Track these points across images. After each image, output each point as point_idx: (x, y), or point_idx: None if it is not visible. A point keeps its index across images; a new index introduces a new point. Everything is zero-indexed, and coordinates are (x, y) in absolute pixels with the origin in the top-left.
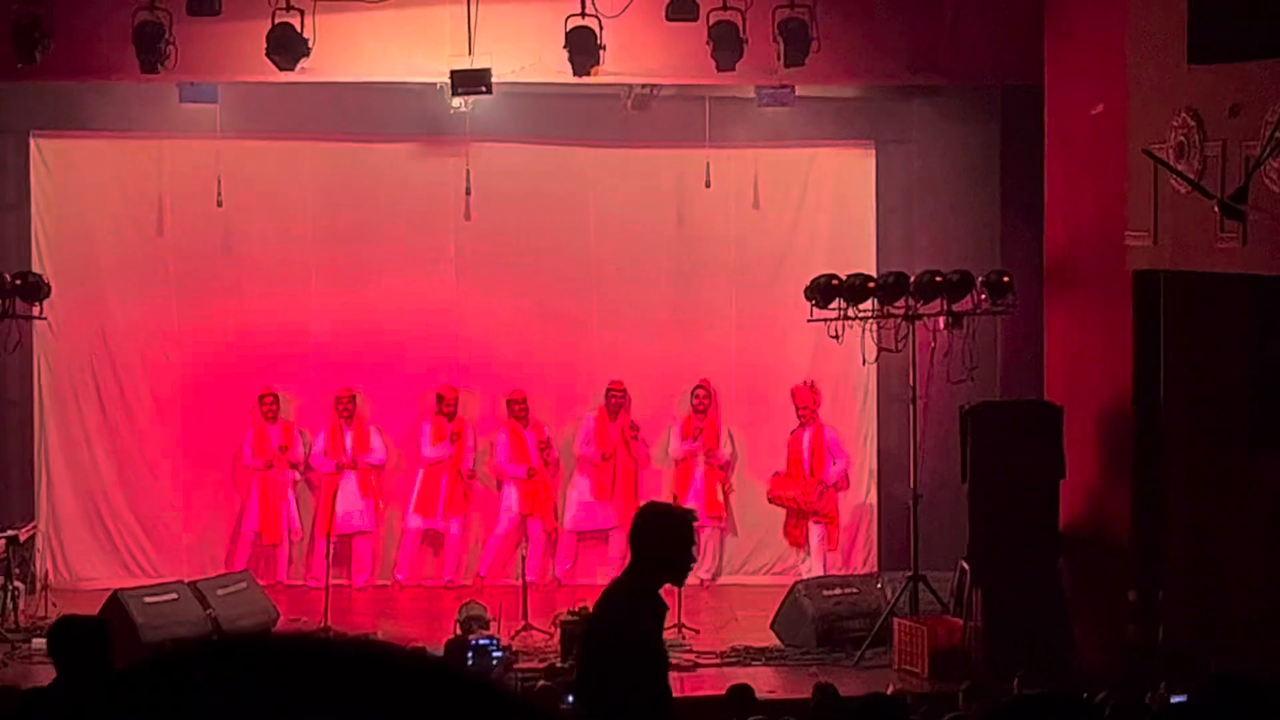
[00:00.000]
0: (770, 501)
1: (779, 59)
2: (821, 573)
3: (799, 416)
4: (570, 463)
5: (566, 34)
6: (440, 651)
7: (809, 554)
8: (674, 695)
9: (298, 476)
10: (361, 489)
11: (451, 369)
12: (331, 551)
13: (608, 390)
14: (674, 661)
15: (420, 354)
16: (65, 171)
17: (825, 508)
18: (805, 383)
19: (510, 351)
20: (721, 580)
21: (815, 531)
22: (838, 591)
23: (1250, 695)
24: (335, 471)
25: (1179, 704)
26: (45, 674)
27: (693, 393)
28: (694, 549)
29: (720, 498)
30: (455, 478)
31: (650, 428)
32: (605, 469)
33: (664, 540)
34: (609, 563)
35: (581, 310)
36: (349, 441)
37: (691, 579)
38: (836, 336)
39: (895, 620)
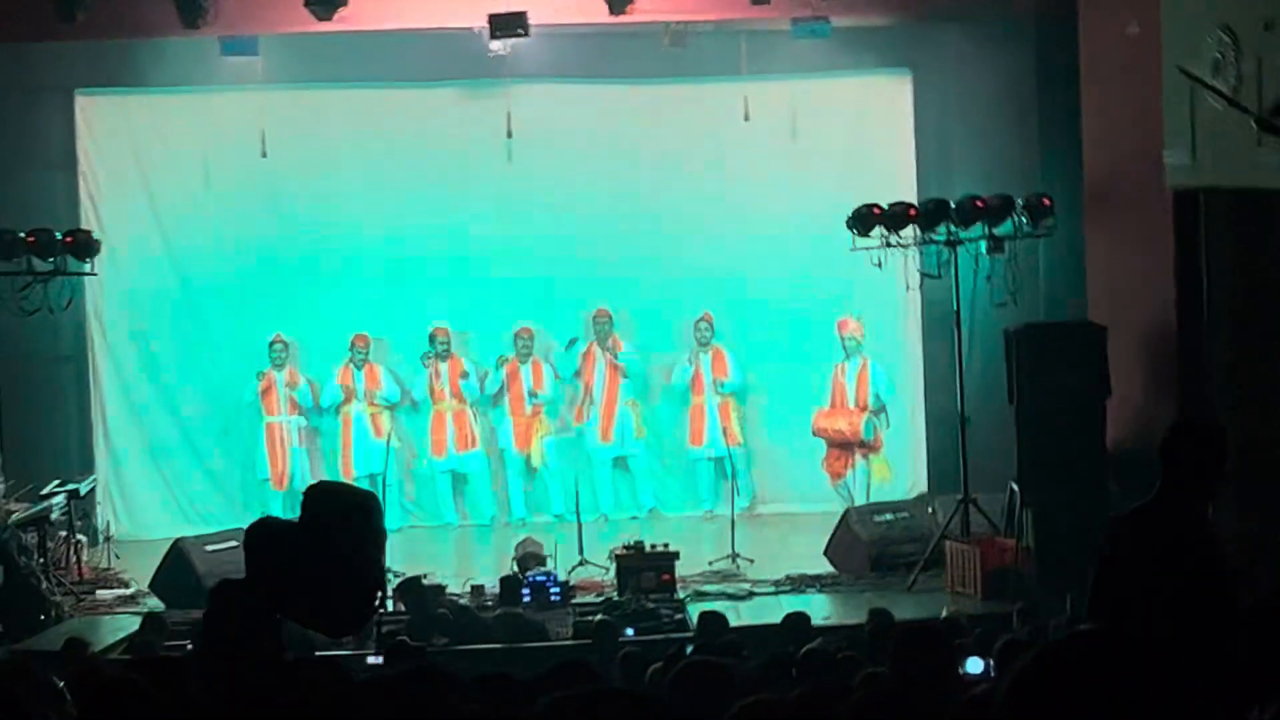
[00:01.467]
0: (814, 434)
1: None
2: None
3: (844, 348)
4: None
5: None
6: (495, 588)
7: (850, 488)
8: (730, 625)
9: (304, 424)
10: (374, 429)
11: (490, 307)
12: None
13: (593, 317)
14: (729, 591)
15: (460, 296)
16: (110, 129)
17: (873, 440)
18: (852, 314)
19: (553, 287)
20: (774, 509)
21: (861, 464)
22: (889, 517)
23: None
24: (346, 413)
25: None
26: (111, 625)
27: (695, 325)
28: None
29: (736, 426)
30: (460, 415)
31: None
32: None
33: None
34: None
35: (623, 245)
36: (359, 382)
37: (726, 509)
38: (879, 264)
39: (947, 543)
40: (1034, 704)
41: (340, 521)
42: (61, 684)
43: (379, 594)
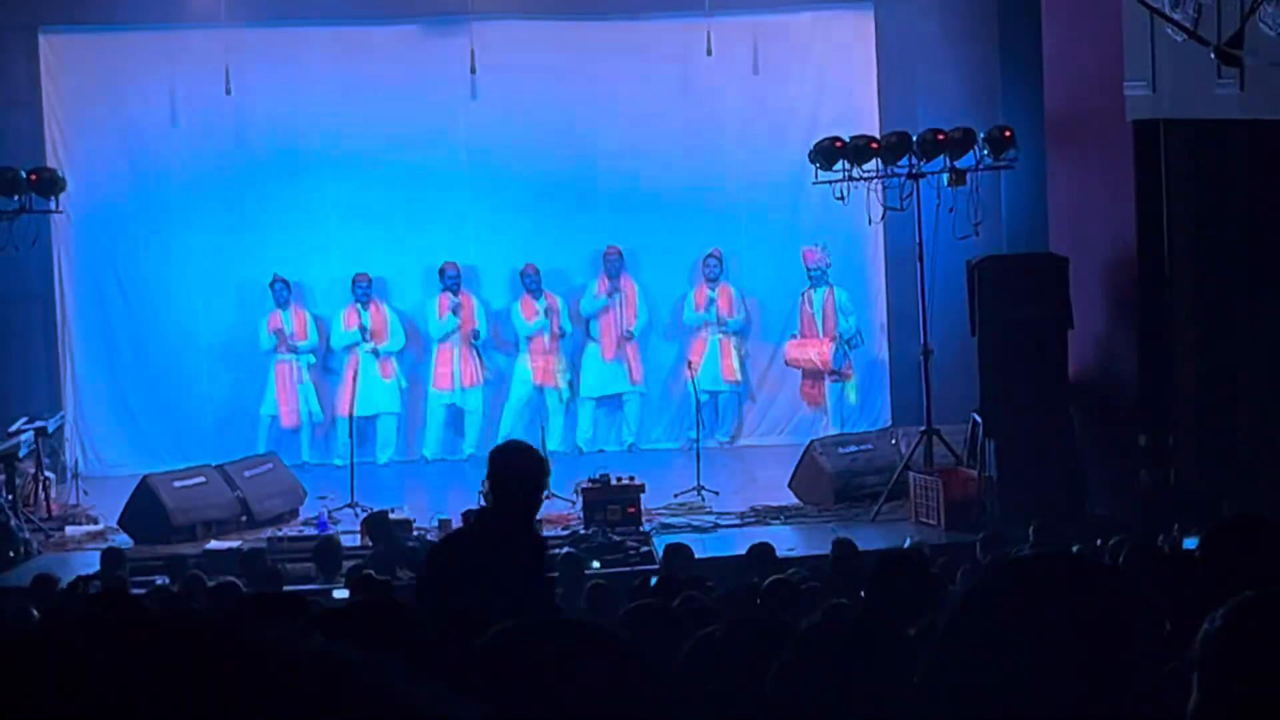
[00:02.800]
0: (787, 364)
1: None
2: (840, 431)
3: (809, 278)
4: (583, 332)
5: None
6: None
7: (826, 413)
8: (696, 556)
9: (313, 361)
10: (382, 371)
11: (464, 244)
12: (354, 431)
13: (604, 255)
14: (694, 524)
15: (431, 232)
16: (74, 66)
17: (843, 366)
18: (816, 244)
19: (521, 225)
20: (739, 443)
21: (833, 391)
22: (853, 448)
23: (1263, 536)
24: (355, 352)
25: (1192, 548)
26: (80, 560)
27: (704, 261)
28: None
29: (735, 363)
30: (467, 348)
31: (661, 294)
32: (609, 331)
33: None
34: (623, 431)
35: (589, 182)
36: (366, 321)
37: (710, 443)
38: (842, 198)
39: (910, 474)
40: (983, 622)
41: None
42: (37, 614)
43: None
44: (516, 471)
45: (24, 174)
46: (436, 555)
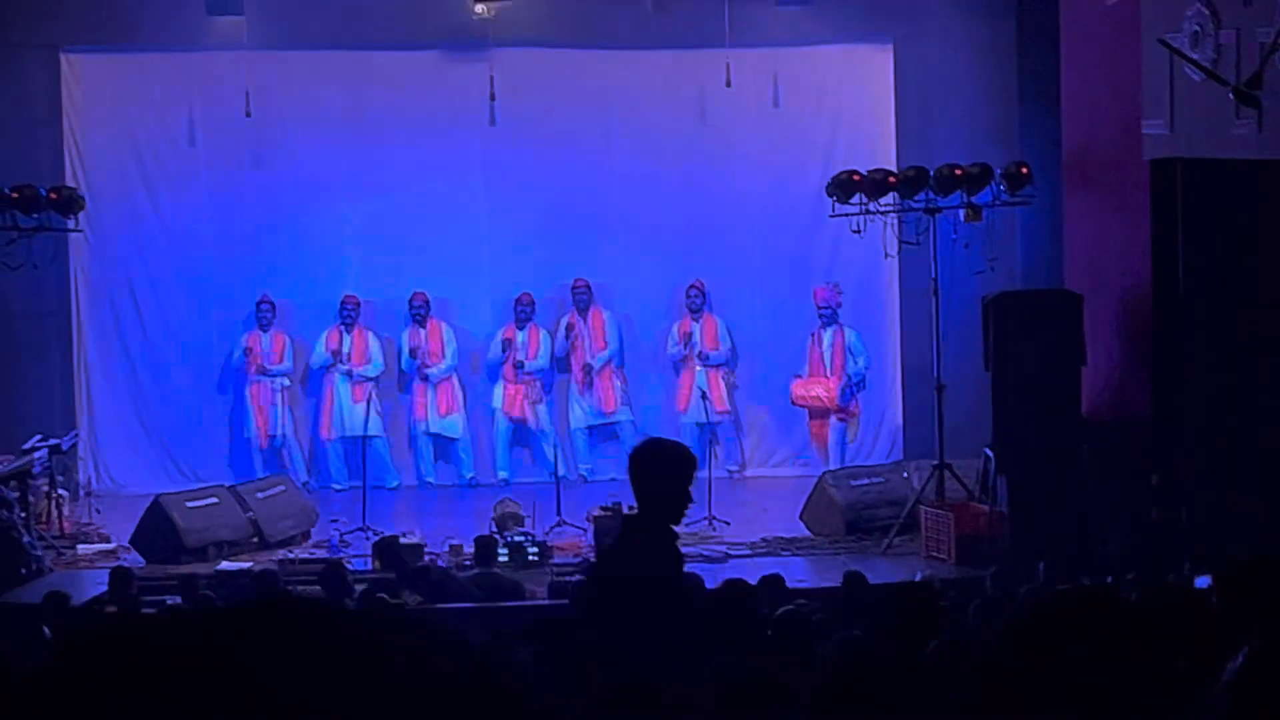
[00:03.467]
0: (793, 403)
1: None
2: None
3: (820, 316)
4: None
5: None
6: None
7: (828, 451)
8: (708, 587)
9: (287, 383)
10: (354, 394)
11: (473, 272)
12: (366, 455)
13: (572, 288)
14: (706, 553)
15: (448, 258)
16: (95, 86)
17: (849, 406)
18: (828, 283)
19: (536, 254)
20: (750, 472)
21: (836, 429)
22: (865, 481)
23: (1278, 577)
24: (330, 376)
25: (1203, 586)
26: (91, 579)
27: (686, 292)
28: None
29: (724, 394)
30: (445, 381)
31: (662, 326)
32: (579, 364)
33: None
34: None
35: (606, 210)
36: (346, 347)
37: (719, 472)
38: (858, 231)
39: (922, 508)
40: (1021, 655)
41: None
42: (49, 635)
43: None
44: (662, 470)
45: (43, 192)
46: (596, 577)
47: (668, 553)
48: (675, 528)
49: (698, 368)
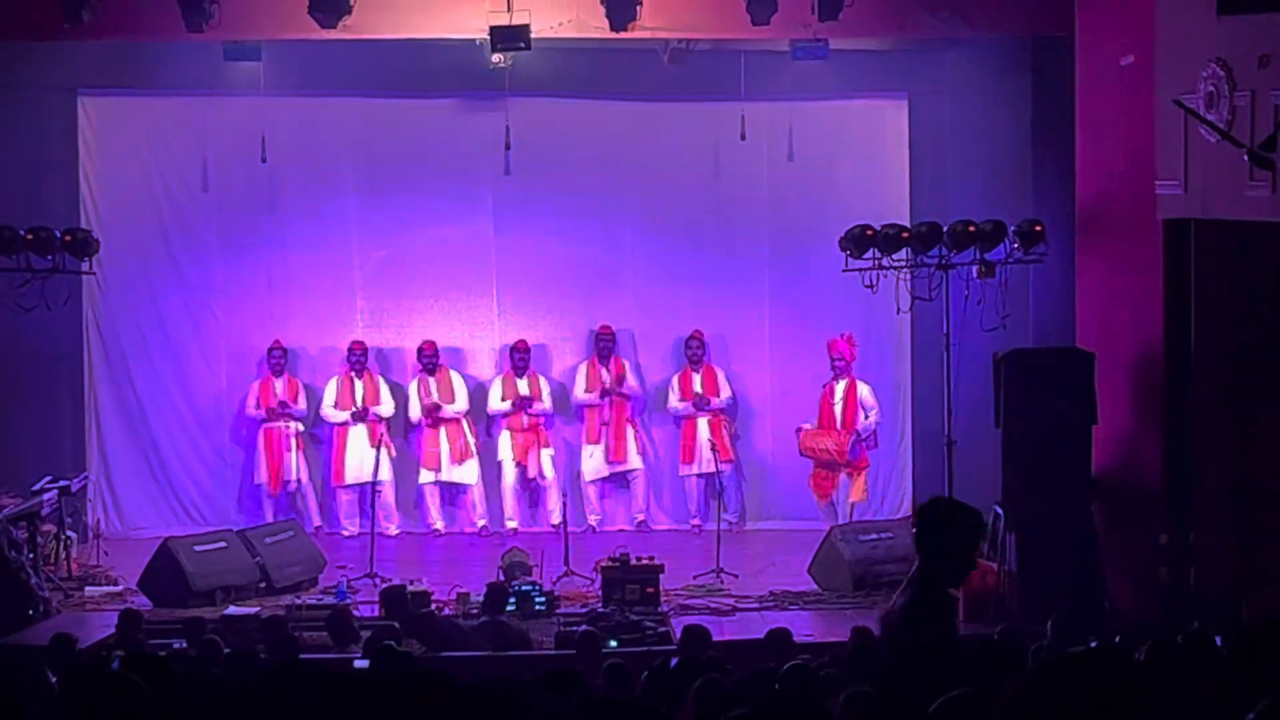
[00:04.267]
0: (801, 453)
1: (813, 13)
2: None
3: (834, 369)
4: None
5: None
6: (481, 596)
7: (834, 506)
8: (714, 639)
9: (301, 429)
10: (370, 438)
11: (483, 321)
12: (375, 501)
13: (596, 335)
14: (713, 606)
15: (460, 306)
16: (111, 129)
17: (858, 460)
18: (843, 336)
19: (547, 302)
20: (759, 526)
21: (842, 484)
22: (874, 536)
23: None
24: (345, 423)
25: (1216, 647)
26: (98, 621)
27: (686, 343)
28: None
29: (728, 443)
30: (455, 428)
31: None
32: (594, 414)
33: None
34: (633, 507)
35: (618, 261)
36: (359, 393)
37: (720, 523)
38: (871, 286)
39: None
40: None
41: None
42: (54, 679)
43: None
44: (952, 532)
45: (58, 234)
46: (903, 641)
47: (948, 616)
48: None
49: (703, 417)
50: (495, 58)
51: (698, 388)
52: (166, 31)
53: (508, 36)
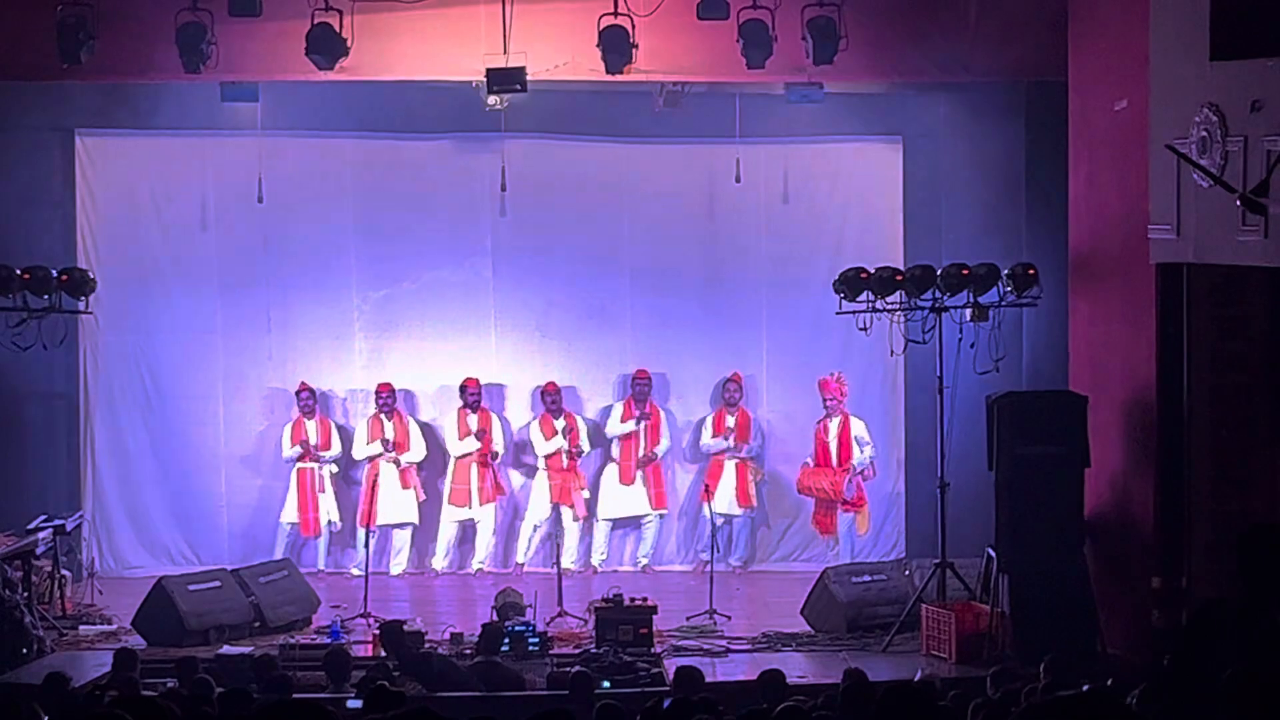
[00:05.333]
0: (800, 492)
1: (808, 56)
2: (850, 560)
3: (825, 407)
4: (604, 453)
5: (600, 33)
6: (475, 636)
7: (838, 542)
8: (706, 680)
9: (335, 470)
10: (401, 481)
11: (486, 361)
12: (373, 542)
13: (633, 379)
14: (706, 647)
15: (456, 346)
16: (110, 169)
17: (855, 497)
18: (833, 375)
19: (544, 343)
20: (753, 567)
21: (845, 520)
22: (867, 578)
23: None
24: (375, 463)
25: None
26: (92, 659)
27: (724, 385)
28: None
29: (752, 489)
30: (485, 467)
31: (683, 418)
32: (630, 455)
33: None
34: (639, 550)
35: (614, 303)
36: (389, 432)
37: (722, 566)
38: (865, 328)
39: (923, 606)
40: None
41: None
42: (45, 717)
43: None
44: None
45: (55, 274)
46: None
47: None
48: None
49: (732, 460)
50: (491, 99)
51: (733, 428)
52: (164, 72)
53: (504, 79)
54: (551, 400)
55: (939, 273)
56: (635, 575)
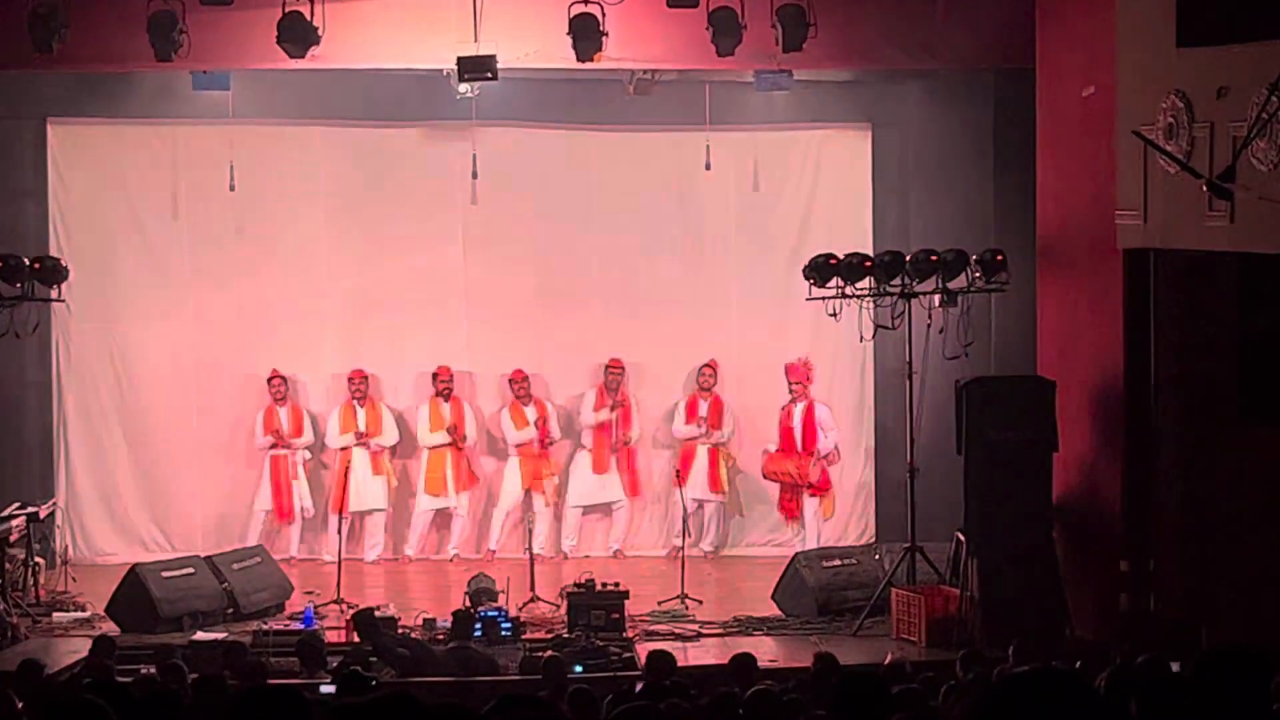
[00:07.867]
0: (765, 477)
1: (777, 44)
2: (816, 545)
3: (791, 392)
4: (574, 440)
5: (570, 21)
6: (448, 623)
7: (803, 527)
8: (678, 664)
9: (308, 456)
10: (373, 467)
11: (458, 348)
12: (344, 528)
13: (606, 367)
14: (678, 631)
15: (428, 334)
16: (81, 157)
17: (820, 481)
18: (799, 359)
19: (516, 331)
20: (724, 552)
21: (810, 504)
22: (837, 563)
23: (1251, 666)
24: (348, 450)
25: (1178, 674)
26: (66, 646)
27: (699, 371)
28: None
29: (723, 474)
30: (459, 455)
31: (653, 404)
32: (603, 444)
33: None
34: (610, 536)
35: (585, 290)
36: (361, 420)
37: (694, 551)
38: (834, 314)
39: (893, 590)
40: None
41: None
42: (20, 704)
43: None
44: None
45: (27, 262)
46: None
47: None
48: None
49: (704, 445)
50: (462, 88)
51: (706, 414)
52: (136, 61)
53: (475, 67)
54: (519, 388)
55: (908, 259)
56: (607, 560)
